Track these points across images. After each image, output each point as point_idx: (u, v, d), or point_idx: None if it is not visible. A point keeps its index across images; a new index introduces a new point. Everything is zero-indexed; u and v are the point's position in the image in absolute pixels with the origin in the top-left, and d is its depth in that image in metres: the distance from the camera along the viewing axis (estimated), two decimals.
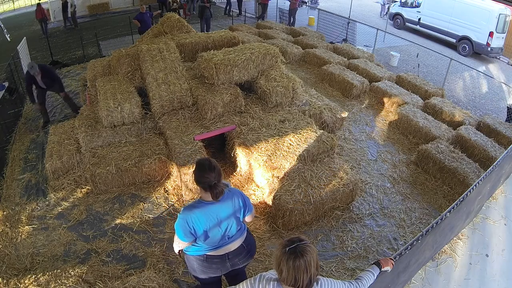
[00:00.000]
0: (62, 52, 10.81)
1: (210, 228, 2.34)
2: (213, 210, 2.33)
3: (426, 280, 3.44)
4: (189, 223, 2.28)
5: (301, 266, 1.77)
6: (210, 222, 2.33)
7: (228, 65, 5.25)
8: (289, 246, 1.79)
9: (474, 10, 12.60)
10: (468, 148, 5.55)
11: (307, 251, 1.80)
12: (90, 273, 3.34)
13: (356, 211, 4.46)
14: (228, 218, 2.39)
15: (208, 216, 2.32)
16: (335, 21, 12.29)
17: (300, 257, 1.77)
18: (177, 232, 2.35)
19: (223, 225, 2.38)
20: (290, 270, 1.78)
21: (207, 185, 2.26)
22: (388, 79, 7.90)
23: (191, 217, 2.29)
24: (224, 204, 2.36)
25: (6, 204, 4.49)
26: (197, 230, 2.32)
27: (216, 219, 2.35)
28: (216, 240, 2.41)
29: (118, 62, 5.89)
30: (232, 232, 2.45)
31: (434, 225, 2.64)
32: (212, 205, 2.32)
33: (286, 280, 1.81)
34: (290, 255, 1.78)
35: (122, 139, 5.02)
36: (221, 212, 2.36)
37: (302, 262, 1.77)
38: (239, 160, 4.85)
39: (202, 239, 2.36)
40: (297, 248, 1.78)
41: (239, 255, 2.54)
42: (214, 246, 2.43)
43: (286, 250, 1.78)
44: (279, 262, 1.81)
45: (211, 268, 2.49)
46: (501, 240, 3.98)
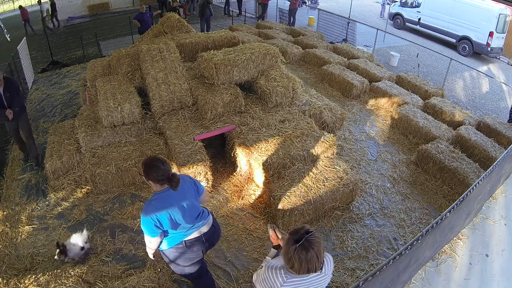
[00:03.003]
0: (62, 52, 10.82)
1: (174, 214, 2.43)
2: (170, 196, 2.43)
3: (426, 280, 3.44)
4: (152, 217, 2.36)
5: (313, 258, 1.82)
6: (172, 208, 2.42)
7: (228, 65, 5.25)
8: (298, 240, 1.81)
9: (474, 10, 12.61)
10: (468, 148, 5.55)
11: (316, 242, 1.84)
12: (90, 273, 3.34)
13: (356, 211, 4.46)
14: (187, 200, 2.50)
15: (167, 203, 2.41)
16: (335, 21, 12.30)
17: (310, 250, 1.81)
18: (145, 231, 2.43)
19: (185, 208, 2.48)
20: (303, 263, 1.82)
21: (165, 178, 2.37)
22: (388, 79, 7.90)
23: (152, 210, 2.37)
24: (179, 190, 2.44)
25: (6, 204, 4.49)
26: (162, 221, 2.39)
27: (176, 204, 2.44)
28: (185, 224, 2.50)
29: (118, 62, 5.89)
30: (196, 212, 2.58)
31: (434, 225, 2.64)
32: (167, 192, 2.43)
33: (299, 271, 1.86)
34: (301, 250, 1.80)
35: (122, 139, 5.02)
36: (178, 196, 2.46)
37: (313, 254, 1.81)
38: (239, 160, 4.85)
39: (171, 227, 2.44)
40: (306, 241, 1.81)
41: (213, 234, 2.73)
42: (187, 230, 2.54)
43: (296, 246, 1.81)
44: (290, 257, 1.84)
45: (193, 252, 2.63)
46: (501, 240, 3.98)
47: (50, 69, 9.35)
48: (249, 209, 4.40)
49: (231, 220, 4.22)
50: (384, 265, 2.21)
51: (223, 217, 4.26)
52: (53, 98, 7.60)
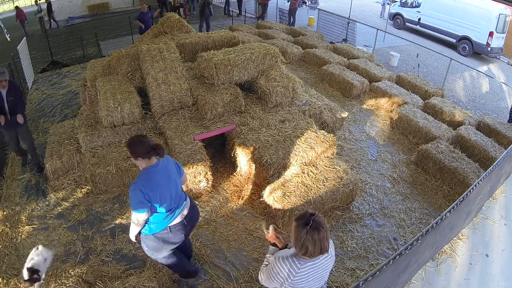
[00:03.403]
0: (62, 52, 10.82)
1: (161, 188, 2.57)
2: (157, 171, 2.58)
3: (426, 280, 3.44)
4: (142, 189, 2.48)
5: (325, 236, 1.94)
6: (159, 183, 2.56)
7: (228, 65, 5.25)
8: (308, 224, 1.91)
9: (474, 10, 12.61)
10: (468, 148, 5.55)
11: (323, 221, 1.97)
12: (90, 273, 3.34)
13: (356, 211, 4.46)
14: (171, 176, 2.67)
15: (155, 177, 2.56)
16: (335, 21, 12.30)
17: (321, 229, 1.93)
18: (134, 206, 2.52)
19: (171, 184, 2.64)
20: (317, 243, 1.93)
21: (150, 149, 2.51)
22: (388, 79, 7.90)
23: (142, 184, 2.50)
24: (165, 167, 2.63)
25: (6, 204, 4.49)
26: (151, 195, 2.51)
27: (163, 178, 2.59)
28: (170, 201, 2.64)
29: (118, 62, 5.89)
30: (179, 191, 2.75)
31: (434, 225, 2.64)
32: (155, 168, 2.57)
33: (313, 253, 1.95)
34: (313, 231, 1.91)
35: (122, 139, 5.02)
36: (165, 172, 2.62)
37: (324, 232, 1.94)
38: (239, 160, 4.85)
39: (159, 202, 2.56)
40: (314, 222, 1.92)
41: (192, 216, 2.90)
42: (171, 212, 2.67)
43: (307, 229, 1.91)
44: (303, 241, 1.93)
45: (177, 237, 2.78)
46: (501, 240, 3.97)
47: (50, 69, 9.35)
48: (249, 209, 4.40)
49: (231, 220, 4.21)
50: (384, 265, 2.21)
51: (223, 217, 4.26)
52: (53, 98, 7.60)
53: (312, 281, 2.07)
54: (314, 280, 2.07)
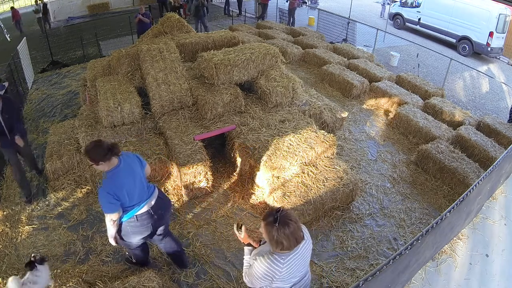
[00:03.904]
0: (62, 52, 10.81)
1: (127, 186, 2.67)
2: (120, 171, 2.66)
3: (426, 280, 3.44)
4: (110, 192, 2.58)
5: (296, 228, 1.99)
6: (125, 181, 2.66)
7: (228, 65, 5.25)
8: (276, 221, 1.96)
9: (474, 10, 12.61)
10: (468, 148, 5.55)
11: (290, 214, 2.02)
12: (90, 273, 3.34)
13: (356, 211, 4.46)
14: (135, 172, 2.75)
15: (120, 177, 2.64)
16: (335, 21, 12.29)
17: (290, 222, 1.97)
18: (106, 210, 2.63)
19: (136, 180, 2.74)
20: (290, 237, 1.97)
21: (107, 151, 2.57)
22: (388, 79, 7.89)
23: (109, 186, 2.60)
24: (127, 164, 2.72)
25: (6, 204, 4.49)
26: (119, 194, 2.62)
27: (127, 177, 2.68)
28: (137, 196, 2.75)
29: (118, 62, 5.89)
30: (145, 184, 2.83)
31: (434, 225, 2.64)
32: (117, 168, 2.66)
33: (290, 246, 2.00)
34: (283, 227, 1.96)
35: (122, 139, 5.02)
36: (128, 170, 2.70)
37: (294, 225, 1.98)
38: (239, 160, 4.85)
39: (127, 199, 2.68)
40: (282, 218, 1.97)
41: (160, 206, 2.96)
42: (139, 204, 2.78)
43: (276, 225, 1.95)
44: (277, 238, 1.97)
45: (143, 226, 2.87)
46: (501, 240, 3.97)
47: (50, 69, 9.36)
48: (249, 209, 4.40)
49: (231, 220, 4.21)
50: (384, 265, 2.21)
51: (223, 217, 4.26)
52: (53, 98, 7.60)
53: (297, 270, 2.13)
54: (299, 268, 2.13)
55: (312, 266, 3.69)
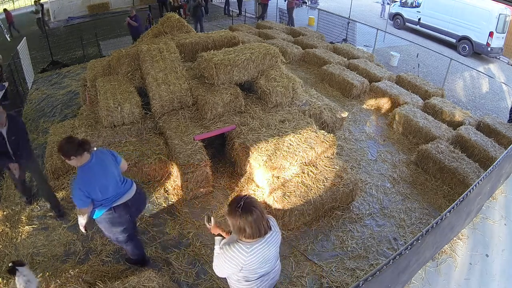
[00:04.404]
0: (62, 52, 10.81)
1: (99, 182, 2.76)
2: (93, 167, 2.76)
3: (426, 280, 3.44)
4: (81, 188, 2.69)
5: (259, 216, 2.01)
6: (97, 177, 2.76)
7: (228, 65, 5.25)
8: (239, 207, 1.98)
9: (474, 10, 12.61)
10: (468, 148, 5.55)
11: (254, 202, 2.04)
12: (90, 273, 3.34)
13: (356, 211, 4.46)
14: (108, 168, 2.85)
15: (92, 173, 2.74)
16: (335, 21, 12.29)
17: (253, 209, 1.99)
18: (77, 203, 2.76)
19: (108, 176, 2.83)
20: (252, 225, 2.00)
21: (78, 146, 2.69)
22: (388, 79, 7.89)
23: (81, 183, 2.71)
24: (99, 160, 2.82)
25: (6, 204, 4.49)
26: (90, 190, 2.72)
27: (99, 172, 2.78)
28: (110, 191, 2.84)
29: (118, 62, 5.89)
30: (119, 179, 2.93)
31: (434, 225, 2.64)
32: (89, 164, 2.76)
33: (252, 235, 2.03)
34: (246, 214, 1.98)
35: (122, 139, 5.02)
36: (100, 166, 2.81)
37: (258, 213, 2.00)
38: (239, 160, 4.85)
39: (99, 195, 2.78)
40: (246, 204, 1.99)
41: (138, 200, 3.10)
42: (115, 196, 2.89)
43: (239, 212, 1.97)
44: (239, 225, 2.00)
45: (122, 217, 2.98)
46: (501, 240, 3.98)
47: (50, 69, 9.35)
48: None
49: None
50: (384, 265, 2.21)
51: (223, 217, 4.26)
52: (53, 98, 7.60)
53: (264, 261, 2.16)
54: (266, 259, 2.16)
55: (312, 266, 3.69)
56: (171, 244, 3.89)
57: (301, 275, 3.58)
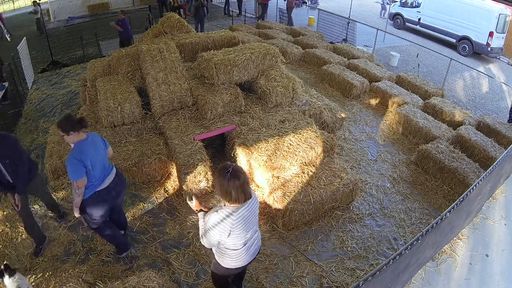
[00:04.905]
0: (62, 52, 10.81)
1: (91, 157, 2.99)
2: (87, 144, 3.03)
3: (426, 280, 3.44)
4: (77, 158, 2.90)
5: (245, 181, 2.22)
6: (90, 152, 3.00)
7: (228, 65, 5.25)
8: (228, 172, 2.17)
9: (474, 10, 12.61)
10: (468, 148, 5.55)
11: (241, 169, 2.26)
12: (90, 273, 3.34)
13: (356, 211, 4.46)
14: (99, 149, 3.12)
15: (86, 148, 2.99)
16: (335, 21, 12.29)
17: (240, 175, 2.20)
18: (73, 175, 2.90)
19: (99, 155, 3.08)
20: (238, 189, 2.19)
21: (77, 123, 2.96)
22: (388, 79, 7.89)
23: (77, 154, 2.92)
24: (93, 140, 3.10)
25: (6, 204, 4.48)
26: (86, 162, 2.92)
27: (92, 150, 3.03)
28: (97, 170, 3.06)
29: (118, 62, 5.89)
30: (106, 162, 3.18)
31: (434, 225, 2.64)
32: (85, 141, 3.03)
33: (237, 199, 2.22)
34: (233, 178, 2.18)
35: (122, 139, 5.02)
36: (93, 144, 3.07)
37: (244, 178, 2.22)
38: (239, 160, 4.85)
39: (91, 168, 2.97)
40: (235, 170, 2.20)
41: (117, 183, 3.30)
42: (100, 179, 3.11)
43: (228, 176, 2.17)
44: (226, 188, 2.19)
45: (104, 200, 3.18)
46: (501, 240, 3.98)
47: (50, 69, 9.35)
48: None
49: None
50: (384, 265, 2.21)
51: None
52: (53, 98, 7.60)
53: (249, 225, 2.37)
54: (249, 224, 2.36)
55: (312, 266, 3.69)
56: (171, 244, 3.89)
57: (301, 275, 3.58)
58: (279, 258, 3.75)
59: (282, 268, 3.65)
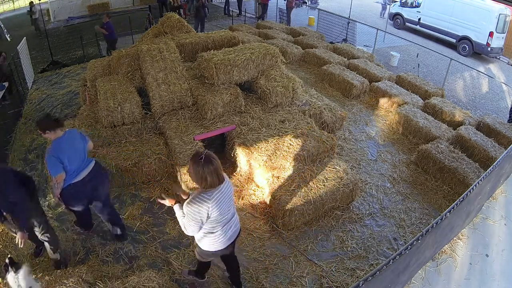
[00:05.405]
0: (62, 52, 10.81)
1: (68, 153, 3.19)
2: (64, 141, 3.22)
3: (426, 280, 3.44)
4: (54, 155, 3.10)
5: (218, 166, 2.35)
6: (66, 148, 3.19)
7: (228, 65, 5.24)
8: (201, 158, 2.29)
9: (474, 10, 12.61)
10: (468, 148, 5.55)
11: (213, 155, 2.37)
12: (90, 273, 3.33)
13: (356, 211, 4.46)
14: (76, 144, 3.30)
15: (63, 145, 3.19)
16: (335, 21, 12.29)
17: (213, 160, 2.33)
18: (52, 171, 3.11)
19: (76, 150, 3.28)
20: (213, 173, 2.32)
21: (53, 123, 3.18)
22: (388, 79, 7.89)
23: (54, 151, 3.13)
24: (70, 137, 3.29)
25: None
26: (62, 159, 3.12)
27: (69, 146, 3.23)
28: (75, 164, 3.24)
29: (118, 62, 5.89)
30: (84, 156, 3.35)
31: (434, 225, 2.64)
32: (63, 138, 3.22)
33: (212, 183, 2.35)
34: (207, 163, 2.30)
35: (122, 139, 5.02)
36: (70, 141, 3.26)
37: (217, 163, 2.34)
38: (239, 160, 4.85)
39: (68, 163, 3.16)
40: (206, 156, 2.31)
41: (94, 177, 3.39)
42: (76, 172, 3.26)
43: (201, 161, 2.29)
44: (201, 174, 2.32)
45: (78, 192, 3.32)
46: (501, 240, 3.98)
47: (50, 69, 9.35)
48: (249, 209, 4.39)
49: None
50: (384, 265, 2.21)
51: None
52: (53, 98, 7.60)
53: (225, 208, 2.49)
54: (225, 207, 2.49)
55: (312, 266, 3.69)
56: (171, 244, 3.89)
57: (301, 275, 3.58)
58: (279, 258, 3.75)
59: (282, 268, 3.65)
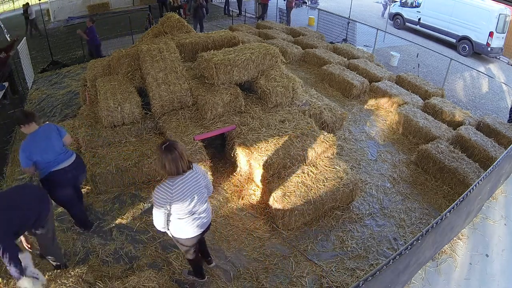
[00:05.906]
0: (62, 52, 10.81)
1: (42, 146, 3.33)
2: (37, 135, 3.36)
3: (426, 280, 3.44)
4: (26, 151, 3.27)
5: (177, 156, 2.51)
6: (40, 143, 3.34)
7: (228, 65, 5.24)
8: (163, 146, 2.50)
9: (474, 10, 12.61)
10: (468, 148, 5.55)
11: (177, 145, 2.54)
12: (90, 273, 3.33)
13: (356, 211, 4.46)
14: (49, 138, 3.41)
15: (35, 140, 3.34)
16: (335, 21, 12.29)
17: (174, 150, 2.50)
18: (21, 163, 3.31)
19: (49, 144, 3.39)
20: (171, 162, 2.50)
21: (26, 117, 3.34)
22: (388, 79, 7.90)
23: (26, 146, 3.28)
24: (43, 131, 3.42)
25: None
26: (33, 153, 3.29)
27: (41, 140, 3.35)
28: (49, 156, 3.38)
29: (118, 62, 5.89)
30: (59, 149, 3.47)
31: (434, 225, 2.64)
32: (36, 132, 3.37)
33: (170, 171, 2.53)
34: (166, 152, 2.49)
35: (122, 139, 5.02)
36: (44, 135, 3.39)
37: (177, 153, 2.50)
38: (239, 160, 4.85)
39: (40, 157, 3.32)
40: (169, 145, 2.51)
41: (75, 167, 3.59)
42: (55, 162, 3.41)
43: (162, 148, 2.50)
44: (162, 160, 2.51)
45: (60, 180, 3.47)
46: (501, 240, 3.98)
47: (50, 69, 9.35)
48: (249, 209, 4.40)
49: (231, 220, 4.21)
50: (384, 265, 2.21)
51: (223, 217, 4.26)
52: (53, 98, 7.60)
53: (189, 195, 2.62)
54: (189, 194, 2.63)
55: (312, 266, 3.69)
56: (171, 244, 3.89)
57: (301, 275, 3.58)
58: (279, 258, 3.75)
59: (282, 268, 3.65)
